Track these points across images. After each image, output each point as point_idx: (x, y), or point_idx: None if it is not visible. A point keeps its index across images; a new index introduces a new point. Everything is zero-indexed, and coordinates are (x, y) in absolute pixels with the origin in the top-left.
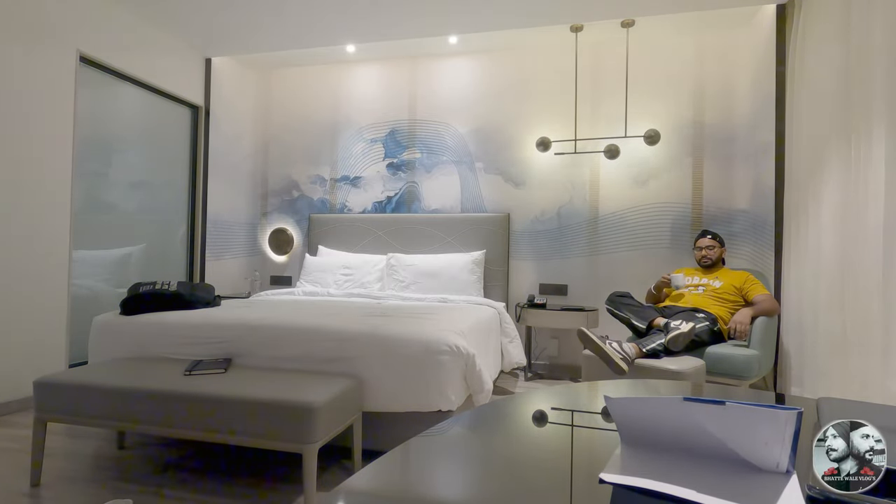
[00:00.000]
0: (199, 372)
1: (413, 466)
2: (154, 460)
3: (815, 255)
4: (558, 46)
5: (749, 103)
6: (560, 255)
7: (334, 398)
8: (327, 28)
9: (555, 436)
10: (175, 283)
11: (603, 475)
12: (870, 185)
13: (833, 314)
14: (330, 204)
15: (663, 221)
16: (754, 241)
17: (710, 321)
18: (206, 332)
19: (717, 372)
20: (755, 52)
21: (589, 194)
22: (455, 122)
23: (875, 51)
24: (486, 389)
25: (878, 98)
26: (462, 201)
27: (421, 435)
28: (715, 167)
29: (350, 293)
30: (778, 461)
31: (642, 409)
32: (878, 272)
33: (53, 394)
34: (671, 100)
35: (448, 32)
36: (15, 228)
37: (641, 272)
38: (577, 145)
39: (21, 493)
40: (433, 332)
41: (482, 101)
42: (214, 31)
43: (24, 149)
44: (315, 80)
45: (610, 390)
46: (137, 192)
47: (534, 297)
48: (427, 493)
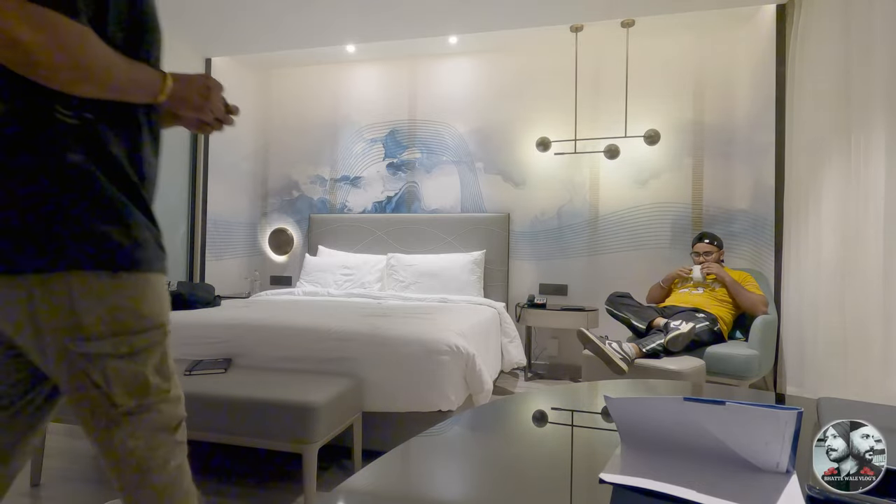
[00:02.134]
0: (200, 372)
1: (413, 466)
2: None
3: (815, 255)
4: (558, 46)
5: (749, 103)
6: (560, 255)
7: (334, 398)
8: (327, 28)
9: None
10: (175, 283)
11: (603, 475)
12: (870, 185)
13: (833, 314)
14: (330, 204)
15: (663, 221)
16: (754, 241)
17: (709, 321)
18: (206, 332)
19: (717, 372)
20: (755, 52)
21: (589, 194)
22: (455, 122)
23: (875, 50)
24: (486, 389)
25: (878, 98)
26: (462, 201)
27: (421, 435)
28: (715, 167)
29: (350, 293)
30: (778, 461)
31: (642, 409)
32: (878, 272)
33: None
34: (671, 100)
35: (448, 32)
36: None
37: (641, 272)
38: (577, 145)
39: (21, 493)
40: (433, 332)
41: (482, 101)
42: (214, 31)
43: None
44: (315, 80)
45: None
46: None
47: (534, 297)
48: (427, 493)
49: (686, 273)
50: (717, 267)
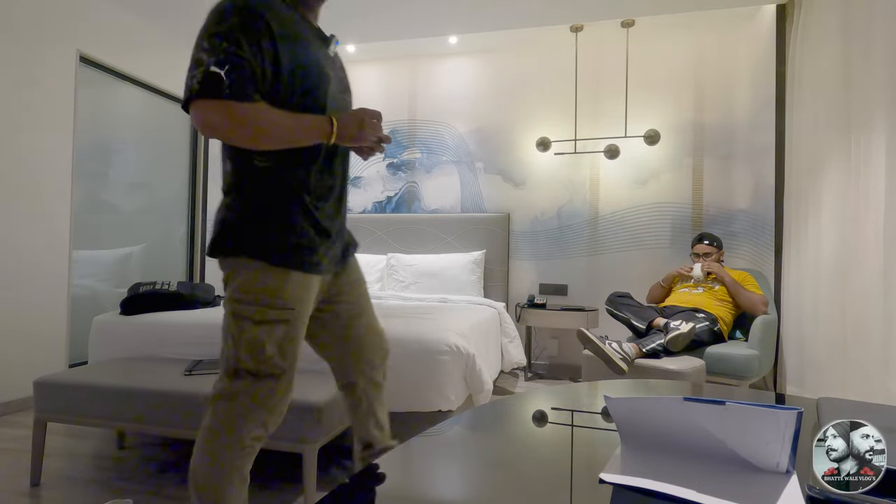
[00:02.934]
0: (199, 372)
1: (413, 466)
2: (154, 460)
3: (815, 255)
4: (558, 46)
5: (749, 103)
6: (560, 255)
7: (334, 398)
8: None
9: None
10: (175, 284)
11: (603, 475)
12: (870, 185)
13: (833, 314)
14: None
15: (663, 221)
16: (754, 241)
17: (709, 321)
18: (206, 332)
19: (717, 372)
20: (755, 52)
21: (589, 194)
22: (455, 122)
23: (875, 50)
24: (487, 389)
25: (879, 98)
26: (462, 201)
27: (421, 435)
28: (715, 167)
29: None
30: (778, 461)
31: (642, 409)
32: (878, 272)
33: (53, 394)
34: (671, 100)
35: (448, 32)
36: (15, 229)
37: (641, 272)
38: (577, 145)
39: (21, 493)
40: (433, 332)
41: (482, 101)
42: None
43: (24, 149)
44: None
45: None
46: (137, 192)
47: (534, 297)
48: (427, 493)
49: (687, 272)
50: (717, 266)
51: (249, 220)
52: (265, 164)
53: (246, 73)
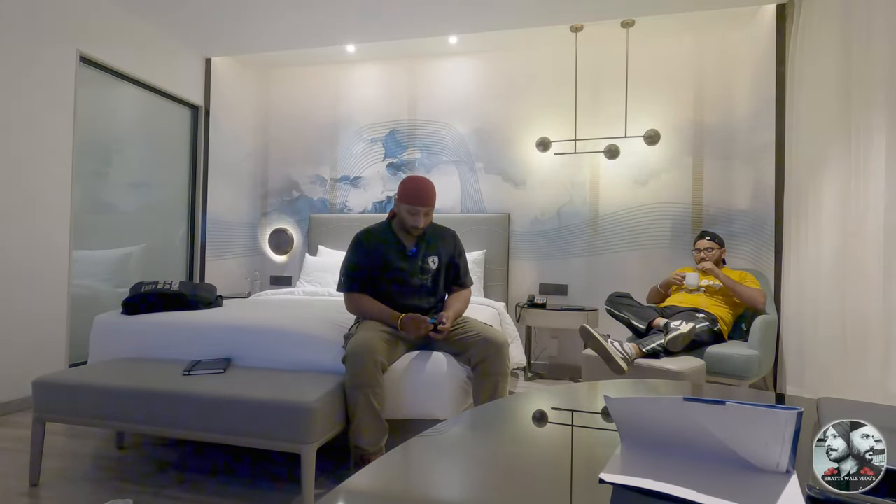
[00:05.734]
0: (198, 372)
1: (413, 466)
2: (153, 460)
3: (815, 255)
4: (558, 46)
5: (749, 103)
6: (560, 255)
7: (333, 398)
8: (327, 28)
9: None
10: (177, 284)
11: (603, 475)
12: (870, 185)
13: (833, 314)
14: (330, 204)
15: (663, 221)
16: (754, 241)
17: (710, 321)
18: (205, 332)
19: (717, 372)
20: (755, 52)
21: (589, 194)
22: (455, 122)
23: (875, 50)
24: None
25: (879, 98)
26: (462, 201)
27: (421, 435)
28: (715, 167)
29: None
30: (778, 461)
31: (642, 409)
32: (878, 272)
33: (53, 394)
34: (671, 100)
35: (448, 32)
36: (15, 229)
37: (641, 272)
38: (577, 145)
39: (20, 493)
40: None
41: (482, 101)
42: (214, 31)
43: (24, 149)
44: (315, 81)
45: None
46: (137, 192)
47: (534, 297)
48: (427, 493)
49: (679, 280)
50: (711, 265)
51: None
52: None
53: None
